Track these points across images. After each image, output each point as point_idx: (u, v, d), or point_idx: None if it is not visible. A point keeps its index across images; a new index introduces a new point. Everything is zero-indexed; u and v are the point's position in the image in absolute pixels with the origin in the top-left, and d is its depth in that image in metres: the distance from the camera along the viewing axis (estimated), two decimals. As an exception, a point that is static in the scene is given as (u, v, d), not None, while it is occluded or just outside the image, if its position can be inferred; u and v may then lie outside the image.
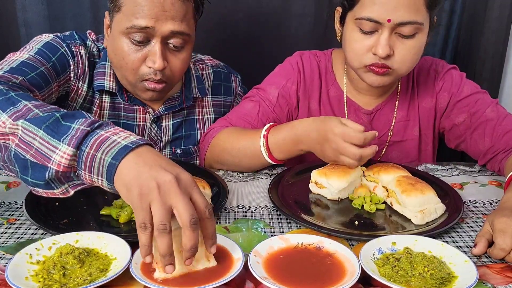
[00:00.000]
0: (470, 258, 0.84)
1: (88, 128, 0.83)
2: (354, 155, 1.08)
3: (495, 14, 1.84)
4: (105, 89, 1.32)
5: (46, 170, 0.83)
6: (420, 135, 1.45)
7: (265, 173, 1.31)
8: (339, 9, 1.30)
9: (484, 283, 0.84)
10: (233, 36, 1.84)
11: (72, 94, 1.31)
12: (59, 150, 0.82)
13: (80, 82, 1.31)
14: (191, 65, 1.47)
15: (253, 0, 1.81)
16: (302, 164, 1.36)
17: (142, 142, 0.81)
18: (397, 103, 1.42)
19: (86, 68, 1.31)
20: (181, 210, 0.75)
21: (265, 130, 1.24)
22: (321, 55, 1.46)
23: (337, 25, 1.34)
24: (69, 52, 1.27)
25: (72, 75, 1.29)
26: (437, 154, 1.53)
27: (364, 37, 1.21)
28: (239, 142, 1.28)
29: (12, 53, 1.21)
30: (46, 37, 1.28)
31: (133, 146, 0.80)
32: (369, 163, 1.21)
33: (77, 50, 1.30)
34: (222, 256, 0.85)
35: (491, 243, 0.92)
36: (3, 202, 1.10)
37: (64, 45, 1.27)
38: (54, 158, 0.82)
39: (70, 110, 1.31)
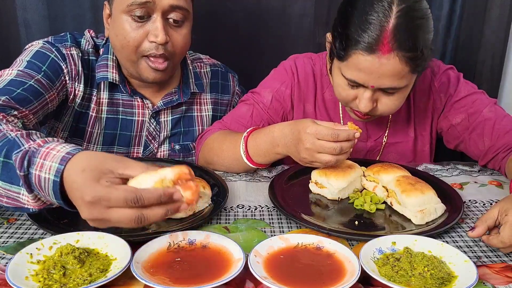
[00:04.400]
0: (470, 258, 0.85)
1: (22, 173, 0.81)
2: (333, 149, 1.05)
3: (495, 14, 1.84)
4: (108, 80, 1.33)
5: (30, 209, 0.85)
6: (415, 136, 1.45)
7: (265, 173, 1.31)
8: (329, 37, 1.24)
9: (484, 283, 0.84)
10: (233, 36, 1.85)
11: (71, 97, 1.32)
12: (23, 195, 0.84)
13: (76, 83, 1.32)
14: (188, 61, 1.48)
15: (253, 0, 1.81)
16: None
17: (62, 167, 0.79)
18: None
19: (80, 68, 1.32)
20: (119, 214, 0.75)
21: (247, 133, 1.23)
22: (316, 58, 1.46)
23: (328, 51, 1.29)
24: (59, 56, 1.28)
25: (67, 78, 1.30)
26: (437, 154, 1.53)
27: (349, 88, 1.20)
28: (224, 144, 1.29)
29: (3, 70, 1.22)
30: (37, 44, 1.29)
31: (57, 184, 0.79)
32: (369, 163, 1.21)
33: (68, 52, 1.30)
34: (222, 256, 0.85)
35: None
36: (3, 202, 1.10)
37: (54, 49, 1.28)
38: (26, 202, 0.84)
39: (69, 111, 1.32)
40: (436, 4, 1.84)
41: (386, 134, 1.43)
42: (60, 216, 1.01)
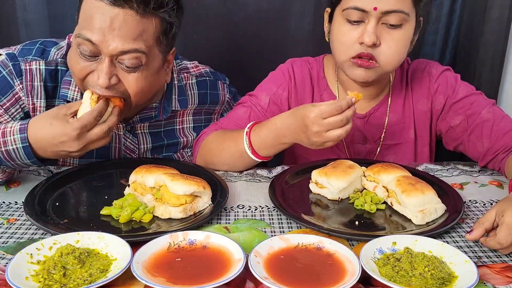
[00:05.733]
0: (471, 259, 0.85)
1: None
2: (340, 122, 1.09)
3: (495, 14, 1.84)
4: (68, 100, 1.26)
5: None
6: (415, 138, 1.45)
7: (265, 173, 1.31)
8: (328, 9, 1.32)
9: (484, 283, 0.84)
10: (233, 37, 1.84)
11: (32, 113, 1.25)
12: None
13: (35, 98, 1.24)
14: (174, 74, 1.40)
15: (253, 1, 1.81)
16: (302, 164, 1.36)
17: (25, 135, 1.05)
18: (389, 106, 1.42)
19: (38, 83, 1.24)
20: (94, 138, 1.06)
21: (248, 128, 1.24)
22: (313, 62, 1.47)
23: (325, 25, 1.35)
24: (15, 72, 1.22)
25: (21, 94, 1.23)
26: (437, 154, 1.53)
27: (351, 28, 1.23)
28: (224, 143, 1.29)
29: None
30: None
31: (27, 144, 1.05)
32: (369, 163, 1.21)
33: (27, 67, 1.23)
34: (222, 256, 0.85)
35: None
36: (3, 202, 1.10)
37: (10, 64, 1.22)
38: None
39: None
40: (436, 4, 1.84)
41: (383, 136, 1.43)
42: (59, 216, 1.01)
